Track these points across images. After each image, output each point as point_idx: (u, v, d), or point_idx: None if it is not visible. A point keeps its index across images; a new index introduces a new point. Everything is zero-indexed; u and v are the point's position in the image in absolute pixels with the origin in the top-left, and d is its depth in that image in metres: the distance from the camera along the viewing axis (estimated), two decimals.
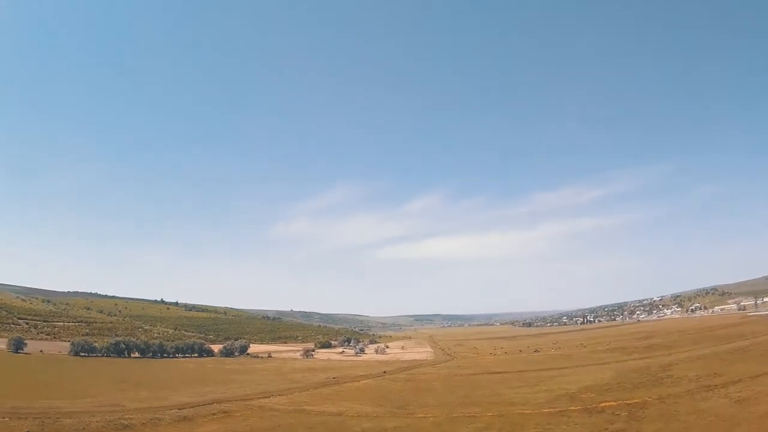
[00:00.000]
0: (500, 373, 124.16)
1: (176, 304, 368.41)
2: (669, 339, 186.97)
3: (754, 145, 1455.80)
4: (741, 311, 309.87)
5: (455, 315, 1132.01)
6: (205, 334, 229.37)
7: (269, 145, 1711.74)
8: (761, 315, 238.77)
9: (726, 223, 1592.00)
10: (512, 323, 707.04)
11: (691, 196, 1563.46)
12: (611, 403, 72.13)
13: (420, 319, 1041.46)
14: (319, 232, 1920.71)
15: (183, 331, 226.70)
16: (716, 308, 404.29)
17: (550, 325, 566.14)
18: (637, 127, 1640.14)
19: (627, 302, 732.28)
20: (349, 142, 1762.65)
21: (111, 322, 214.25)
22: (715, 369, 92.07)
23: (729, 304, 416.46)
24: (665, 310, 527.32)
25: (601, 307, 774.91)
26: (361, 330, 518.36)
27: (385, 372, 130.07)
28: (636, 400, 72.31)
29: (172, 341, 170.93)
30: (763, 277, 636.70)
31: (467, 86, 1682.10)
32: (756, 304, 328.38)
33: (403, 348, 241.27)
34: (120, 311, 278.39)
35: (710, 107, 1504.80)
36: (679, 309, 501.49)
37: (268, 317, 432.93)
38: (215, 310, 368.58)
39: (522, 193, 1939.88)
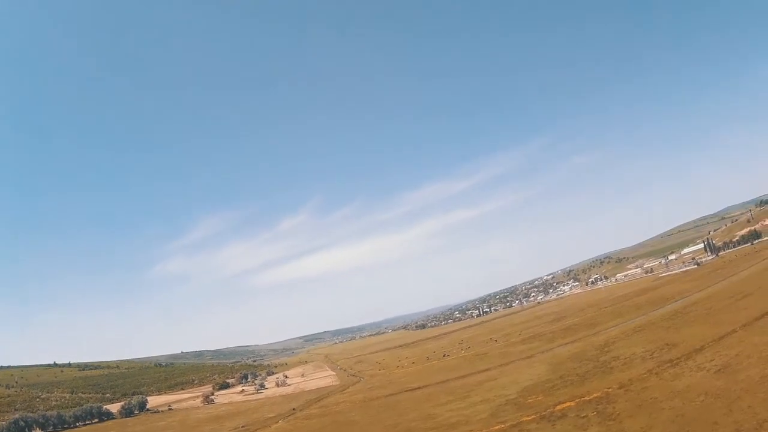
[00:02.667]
0: (420, 388, 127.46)
1: (69, 365, 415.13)
2: (585, 316, 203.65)
3: (616, 113, 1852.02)
4: (650, 274, 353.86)
5: (344, 329, 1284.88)
6: (102, 393, 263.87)
7: (132, 188, 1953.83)
8: (675, 273, 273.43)
9: (604, 190, 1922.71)
10: (405, 327, 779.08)
11: (561, 171, 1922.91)
12: (568, 403, 71.91)
13: (310, 338, 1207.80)
14: (197, 267, 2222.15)
15: (80, 394, 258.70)
16: (619, 275, 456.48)
17: (445, 323, 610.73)
18: (498, 111, 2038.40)
19: (517, 285, 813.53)
20: (206, 173, 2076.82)
21: (9, 396, 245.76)
22: (663, 339, 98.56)
23: (630, 269, 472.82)
24: (562, 286, 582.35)
25: (491, 295, 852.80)
26: (255, 361, 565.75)
27: (294, 409, 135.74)
28: (596, 395, 73.05)
29: (71, 408, 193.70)
30: (659, 236, 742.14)
31: (313, 95, 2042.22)
32: (665, 263, 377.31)
33: (303, 375, 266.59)
34: (17, 381, 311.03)
35: (564, 85, 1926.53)
36: (577, 283, 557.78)
37: (160, 364, 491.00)
38: (108, 365, 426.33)
39: (390, 197, 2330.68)
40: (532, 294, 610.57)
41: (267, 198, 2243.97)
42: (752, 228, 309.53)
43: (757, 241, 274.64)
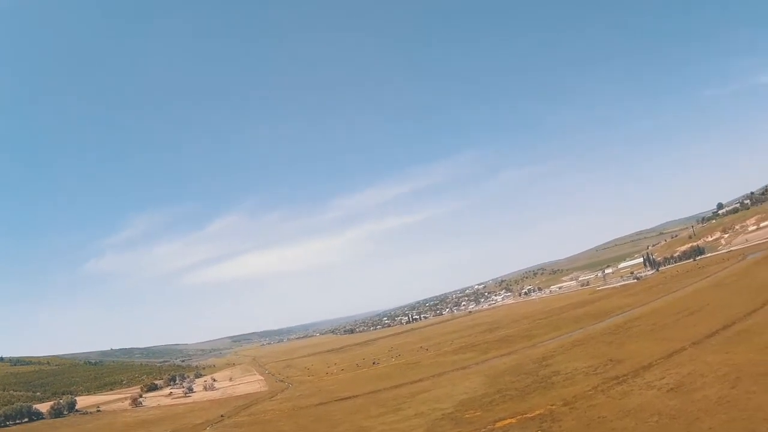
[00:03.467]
0: (350, 397, 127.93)
1: (2, 359, 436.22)
2: (520, 328, 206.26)
3: (554, 126, 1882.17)
4: (586, 287, 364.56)
5: (272, 331, 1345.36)
6: (33, 392, 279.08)
7: (64, 184, 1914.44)
8: (613, 287, 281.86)
9: (538, 202, 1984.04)
10: (333, 331, 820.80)
11: (496, 182, 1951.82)
12: (509, 420, 70.29)
13: (238, 339, 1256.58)
14: (130, 265, 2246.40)
15: (11, 391, 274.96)
16: (553, 287, 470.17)
17: (374, 329, 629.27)
18: (433, 121, 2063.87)
19: (447, 294, 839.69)
20: (138, 171, 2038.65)
21: None
22: (607, 355, 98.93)
23: (565, 281, 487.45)
24: (494, 296, 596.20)
25: (420, 302, 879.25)
26: (183, 361, 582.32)
27: (222, 416, 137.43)
28: (538, 411, 71.74)
29: (1, 406, 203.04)
30: (594, 248, 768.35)
31: (249, 97, 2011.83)
32: (603, 276, 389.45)
33: (231, 379, 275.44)
34: None
35: (501, 99, 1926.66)
36: (510, 294, 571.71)
37: (90, 361, 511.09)
38: (39, 361, 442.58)
39: (322, 201, 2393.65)
40: (463, 303, 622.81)
41: (201, 197, 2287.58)
42: (694, 244, 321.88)
43: (700, 257, 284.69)
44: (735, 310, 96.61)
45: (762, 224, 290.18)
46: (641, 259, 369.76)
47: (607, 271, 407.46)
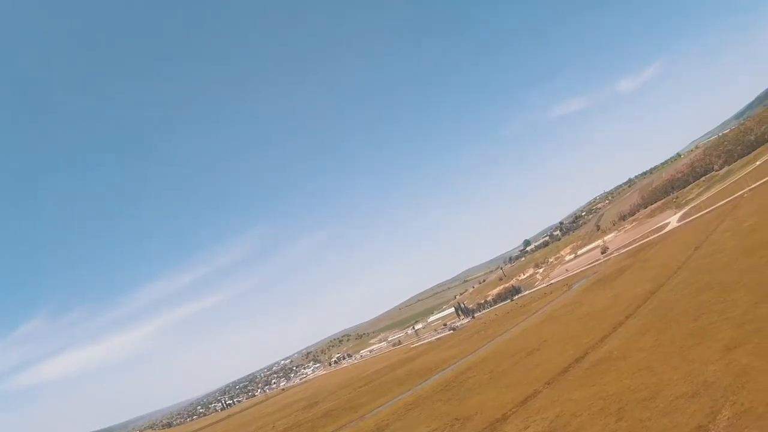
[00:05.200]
0: None
1: None
2: (341, 399, 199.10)
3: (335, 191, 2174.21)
4: (398, 346, 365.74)
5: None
6: None
7: None
8: (429, 342, 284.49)
9: (329, 269, 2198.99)
10: (151, 426, 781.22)
11: (286, 256, 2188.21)
12: None
13: None
14: None
15: None
16: (363, 352, 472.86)
17: (191, 420, 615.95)
18: (219, 198, 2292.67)
19: (255, 373, 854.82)
20: None
21: None
22: (449, 414, 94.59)
23: (374, 343, 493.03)
24: (304, 369, 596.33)
25: (229, 385, 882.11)
26: None
27: None
28: None
29: None
30: (396, 307, 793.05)
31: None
32: (414, 332, 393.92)
33: None
34: None
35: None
36: (320, 364, 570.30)
37: None
38: None
39: (122, 294, 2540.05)
40: (273, 380, 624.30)
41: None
42: (508, 284, 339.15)
43: (518, 296, 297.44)
44: (582, 340, 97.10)
45: (579, 251, 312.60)
46: (452, 309, 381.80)
47: (417, 326, 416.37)
